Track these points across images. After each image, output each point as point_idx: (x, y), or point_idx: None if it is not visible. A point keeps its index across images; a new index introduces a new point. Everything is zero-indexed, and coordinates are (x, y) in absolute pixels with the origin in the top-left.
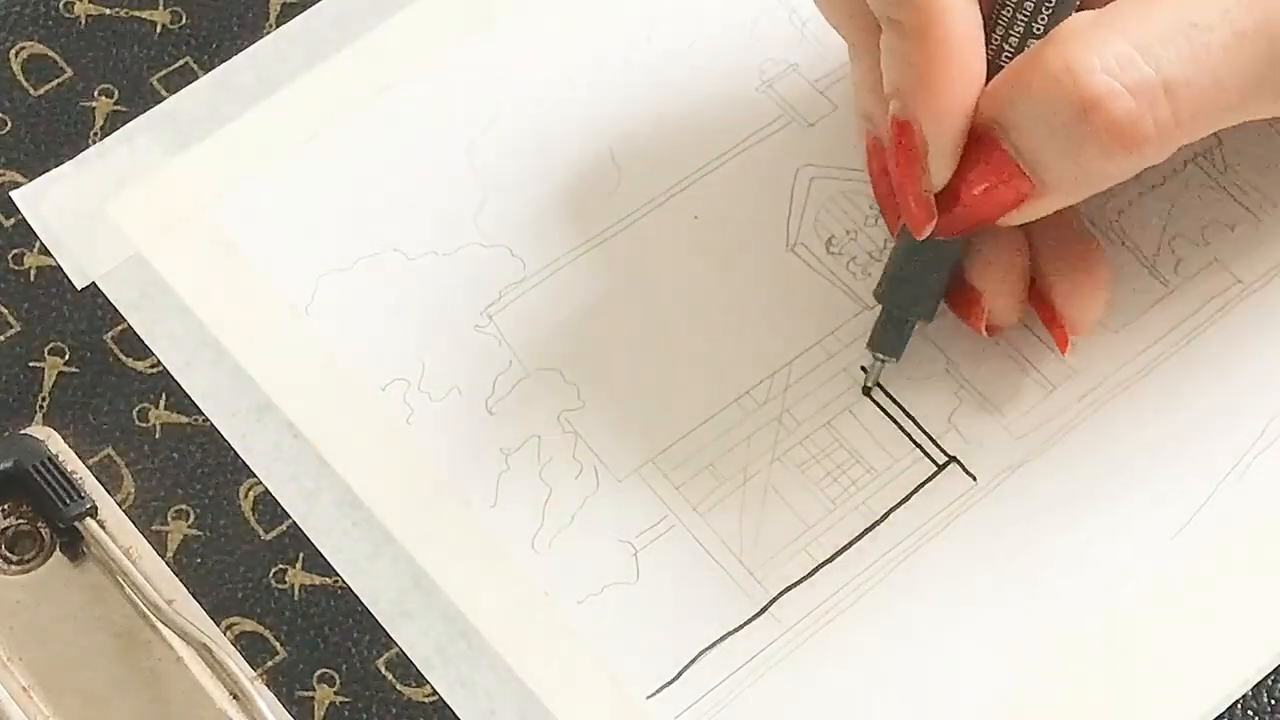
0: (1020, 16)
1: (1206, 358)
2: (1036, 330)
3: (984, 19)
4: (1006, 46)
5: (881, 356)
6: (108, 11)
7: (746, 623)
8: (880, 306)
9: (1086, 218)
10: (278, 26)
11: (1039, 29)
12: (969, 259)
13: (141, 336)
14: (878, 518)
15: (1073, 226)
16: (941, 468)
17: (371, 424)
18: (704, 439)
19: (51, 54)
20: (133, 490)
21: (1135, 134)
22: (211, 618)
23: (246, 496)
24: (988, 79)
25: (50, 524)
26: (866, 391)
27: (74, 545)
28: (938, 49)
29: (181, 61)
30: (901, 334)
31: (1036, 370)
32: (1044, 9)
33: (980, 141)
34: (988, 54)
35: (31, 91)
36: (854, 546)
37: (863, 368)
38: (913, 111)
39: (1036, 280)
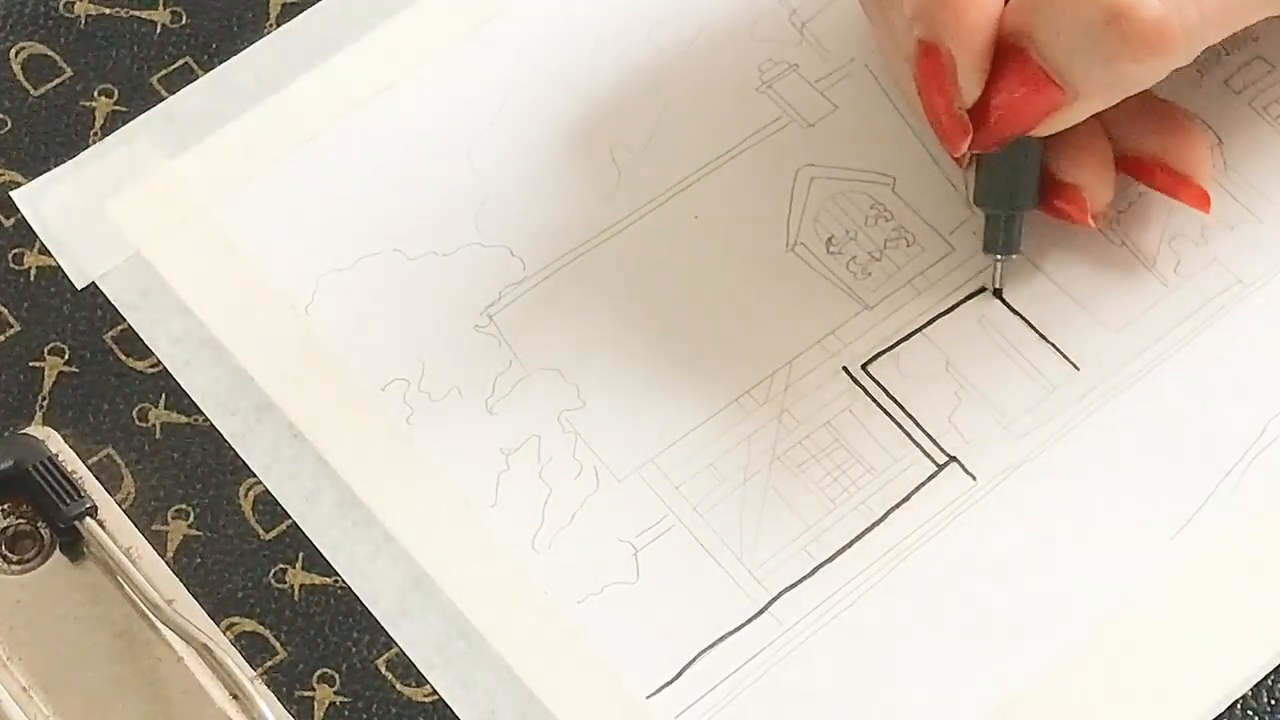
0: None
1: (1206, 358)
2: (1037, 328)
3: None
4: None
5: (1000, 256)
6: (108, 11)
7: (746, 623)
8: (983, 213)
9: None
10: (278, 26)
11: None
12: (1056, 158)
13: (141, 336)
14: (878, 518)
15: (1149, 98)
16: (941, 468)
17: (371, 424)
18: (704, 439)
19: (51, 54)
20: (133, 490)
21: (1163, 38)
22: (211, 618)
23: (246, 496)
24: None
25: (50, 524)
26: (997, 293)
27: (74, 545)
28: None
29: (181, 61)
30: (1012, 230)
31: (1036, 370)
32: None
33: (1009, 55)
34: None
35: (31, 91)
36: (854, 546)
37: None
38: (937, 33)
39: (1140, 160)
